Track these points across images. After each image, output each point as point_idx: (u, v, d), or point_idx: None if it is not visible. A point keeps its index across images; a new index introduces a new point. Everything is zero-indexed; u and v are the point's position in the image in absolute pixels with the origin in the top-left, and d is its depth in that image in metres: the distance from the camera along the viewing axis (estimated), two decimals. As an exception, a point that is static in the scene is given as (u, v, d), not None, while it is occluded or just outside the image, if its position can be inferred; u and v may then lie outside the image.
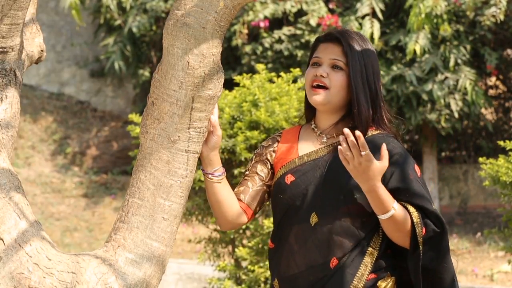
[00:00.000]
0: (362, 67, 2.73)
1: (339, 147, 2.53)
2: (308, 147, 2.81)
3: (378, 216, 2.63)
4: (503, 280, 8.07)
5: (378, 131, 2.77)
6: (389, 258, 2.72)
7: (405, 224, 2.63)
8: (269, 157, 2.86)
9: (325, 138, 2.80)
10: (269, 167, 2.86)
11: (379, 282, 2.69)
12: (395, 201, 2.62)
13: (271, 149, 2.87)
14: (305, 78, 2.81)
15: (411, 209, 2.65)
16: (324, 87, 2.75)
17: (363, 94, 2.72)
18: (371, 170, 2.53)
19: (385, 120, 2.78)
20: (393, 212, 2.60)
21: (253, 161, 2.88)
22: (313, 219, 2.70)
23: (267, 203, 2.94)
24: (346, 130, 2.51)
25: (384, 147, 2.55)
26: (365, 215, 2.68)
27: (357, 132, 2.50)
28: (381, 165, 2.54)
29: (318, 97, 2.75)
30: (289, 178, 2.77)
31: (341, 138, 2.53)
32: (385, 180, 2.65)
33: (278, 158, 2.84)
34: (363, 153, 2.52)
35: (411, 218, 2.63)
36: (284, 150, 2.84)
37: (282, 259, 2.76)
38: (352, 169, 2.55)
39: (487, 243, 8.84)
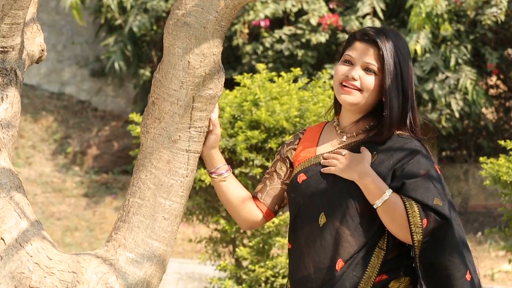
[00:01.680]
0: (398, 72, 2.68)
1: (326, 170, 2.71)
2: (326, 147, 2.77)
3: (373, 206, 2.61)
4: (504, 280, 8.07)
5: (399, 132, 2.73)
6: (404, 258, 2.68)
7: (401, 214, 2.59)
8: (289, 155, 2.84)
9: (345, 137, 2.76)
10: (288, 165, 2.83)
11: (392, 283, 2.65)
12: (389, 189, 2.61)
13: (292, 147, 2.84)
14: (335, 73, 2.74)
15: (406, 199, 2.61)
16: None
17: (396, 100, 2.68)
18: (353, 160, 2.65)
19: (412, 123, 2.73)
20: (387, 196, 2.59)
21: (274, 159, 2.86)
22: (322, 219, 2.68)
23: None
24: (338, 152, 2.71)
25: (363, 148, 2.69)
26: (372, 216, 2.65)
27: (337, 151, 2.71)
28: (361, 154, 2.67)
29: (348, 97, 2.70)
30: (301, 177, 2.74)
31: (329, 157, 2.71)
32: (395, 174, 2.64)
33: (297, 156, 2.81)
34: (344, 152, 2.69)
35: (406, 207, 2.59)
36: (304, 148, 2.81)
37: (294, 260, 2.73)
38: (339, 169, 2.67)
39: (487, 242, 8.84)
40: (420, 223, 2.59)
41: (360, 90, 2.69)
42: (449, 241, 2.62)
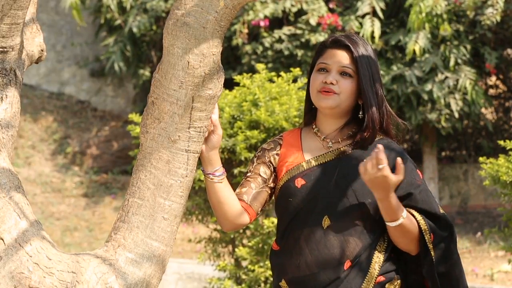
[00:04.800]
0: (370, 74, 2.77)
1: (361, 165, 2.60)
2: (314, 152, 2.83)
3: (386, 223, 2.69)
4: (503, 280, 8.07)
5: (380, 137, 2.82)
6: (395, 262, 2.78)
7: (412, 231, 2.70)
8: (272, 161, 2.87)
9: (331, 143, 2.82)
10: (272, 170, 2.87)
11: (387, 285, 2.75)
12: (404, 209, 2.69)
13: (274, 152, 2.88)
14: (312, 83, 2.82)
15: (418, 216, 2.72)
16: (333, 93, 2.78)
17: (374, 101, 2.77)
18: (386, 183, 2.60)
19: (390, 125, 2.82)
20: (402, 220, 2.67)
21: (254, 163, 2.89)
22: (325, 222, 2.74)
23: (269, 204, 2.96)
24: (380, 146, 2.58)
25: (399, 160, 2.61)
26: (376, 219, 2.74)
27: (380, 146, 2.58)
28: (396, 179, 2.61)
29: (327, 101, 2.78)
30: (300, 182, 2.79)
31: (373, 153, 2.59)
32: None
33: (283, 162, 2.85)
34: (380, 166, 2.58)
35: (419, 226, 2.70)
36: (288, 154, 2.86)
37: (292, 261, 2.78)
38: (367, 180, 2.61)
39: (487, 242, 8.84)
40: (430, 240, 2.71)
41: (337, 93, 2.77)
42: (454, 250, 2.75)
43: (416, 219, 2.71)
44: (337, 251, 2.72)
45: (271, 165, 2.87)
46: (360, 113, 2.80)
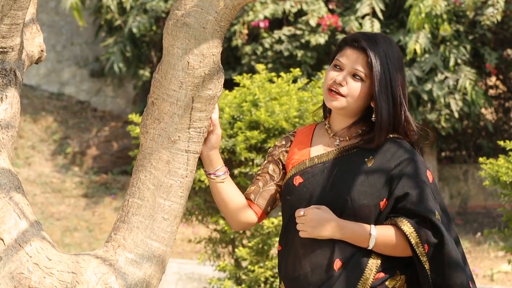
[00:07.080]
0: (387, 78, 2.71)
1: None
2: (320, 149, 2.81)
3: (368, 249, 2.68)
4: (503, 280, 8.07)
5: (393, 135, 2.76)
6: (396, 258, 2.72)
7: (398, 242, 2.66)
8: (281, 157, 2.86)
9: (338, 140, 2.80)
10: (281, 167, 2.86)
11: (388, 281, 2.70)
12: (371, 227, 2.67)
13: (284, 149, 2.87)
14: (325, 77, 2.79)
15: (409, 230, 2.65)
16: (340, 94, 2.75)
17: (386, 106, 2.71)
18: (318, 218, 2.65)
19: (405, 127, 2.76)
20: (374, 237, 2.65)
21: (265, 161, 2.88)
22: None
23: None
24: (297, 213, 2.68)
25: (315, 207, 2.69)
26: (371, 219, 2.69)
27: (296, 213, 2.69)
28: (320, 210, 2.67)
29: (334, 103, 2.75)
30: (297, 180, 2.77)
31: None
32: (392, 187, 2.68)
33: (290, 159, 2.84)
34: (301, 212, 2.67)
35: (409, 240, 2.64)
36: (297, 151, 2.84)
37: (289, 261, 2.77)
38: (309, 229, 2.66)
39: (487, 243, 8.84)
40: (424, 252, 2.65)
41: (344, 96, 2.73)
42: (447, 257, 2.67)
43: (405, 233, 2.64)
44: (328, 251, 2.68)
45: (280, 162, 2.86)
46: (373, 116, 2.74)
